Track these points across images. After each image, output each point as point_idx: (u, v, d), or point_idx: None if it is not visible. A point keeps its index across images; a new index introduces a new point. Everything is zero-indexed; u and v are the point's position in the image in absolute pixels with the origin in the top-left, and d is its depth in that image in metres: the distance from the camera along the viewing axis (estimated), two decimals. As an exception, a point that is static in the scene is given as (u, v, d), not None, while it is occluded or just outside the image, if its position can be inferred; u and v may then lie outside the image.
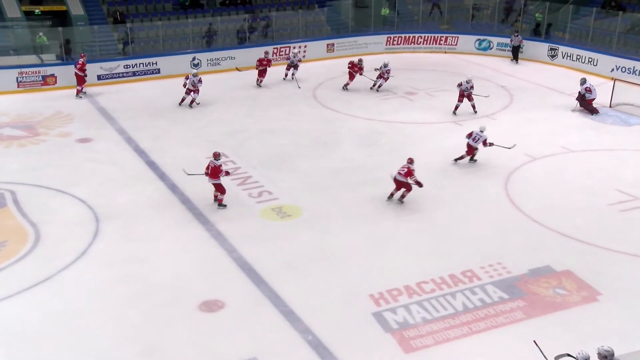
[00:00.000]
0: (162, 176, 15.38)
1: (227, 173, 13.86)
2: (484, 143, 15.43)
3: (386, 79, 21.86)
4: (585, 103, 19.43)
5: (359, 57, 22.81)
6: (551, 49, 25.50)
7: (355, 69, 22.03)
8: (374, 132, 18.41)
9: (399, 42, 27.89)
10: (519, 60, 25.76)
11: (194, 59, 24.18)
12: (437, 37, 27.81)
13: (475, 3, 29.27)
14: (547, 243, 12.38)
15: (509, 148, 15.64)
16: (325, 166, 16.06)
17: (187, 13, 26.37)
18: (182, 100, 20.47)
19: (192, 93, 20.24)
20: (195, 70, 21.02)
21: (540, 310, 10.40)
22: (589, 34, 25.05)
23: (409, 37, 27.91)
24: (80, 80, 21.09)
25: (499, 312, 10.36)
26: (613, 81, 20.54)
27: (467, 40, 27.42)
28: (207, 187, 14.47)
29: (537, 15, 27.23)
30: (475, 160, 15.94)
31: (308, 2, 28.82)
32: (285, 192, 14.62)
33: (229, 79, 23.72)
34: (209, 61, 24.47)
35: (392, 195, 13.97)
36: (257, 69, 22.65)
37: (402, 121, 19.25)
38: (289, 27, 26.92)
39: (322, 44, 26.69)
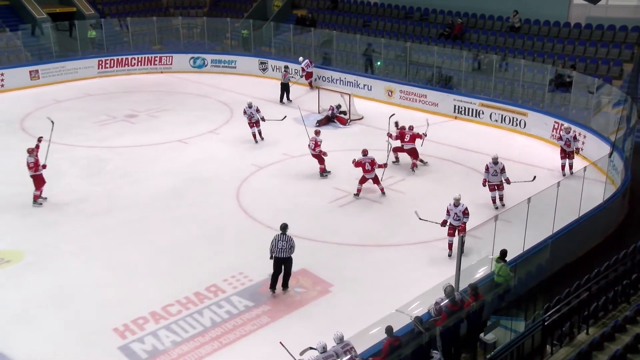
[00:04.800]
0: None
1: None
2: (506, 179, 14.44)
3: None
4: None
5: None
6: (261, 63, 27.06)
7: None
8: (97, 159, 17.55)
9: (111, 65, 27.05)
10: (290, 98, 23.45)
11: None
12: (151, 57, 27.63)
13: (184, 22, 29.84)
14: (282, 246, 13.08)
15: (531, 181, 14.56)
16: (46, 202, 14.78)
17: None
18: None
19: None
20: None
21: (283, 311, 10.95)
22: (291, 47, 27.20)
23: (122, 59, 27.23)
24: None
25: (246, 320, 10.66)
26: (318, 90, 22.55)
27: (182, 59, 27.73)
28: None
29: (243, 32, 28.65)
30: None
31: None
32: (0, 236, 13.10)
33: None
34: None
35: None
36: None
37: (126, 145, 18.65)
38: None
39: (23, 71, 24.59)
